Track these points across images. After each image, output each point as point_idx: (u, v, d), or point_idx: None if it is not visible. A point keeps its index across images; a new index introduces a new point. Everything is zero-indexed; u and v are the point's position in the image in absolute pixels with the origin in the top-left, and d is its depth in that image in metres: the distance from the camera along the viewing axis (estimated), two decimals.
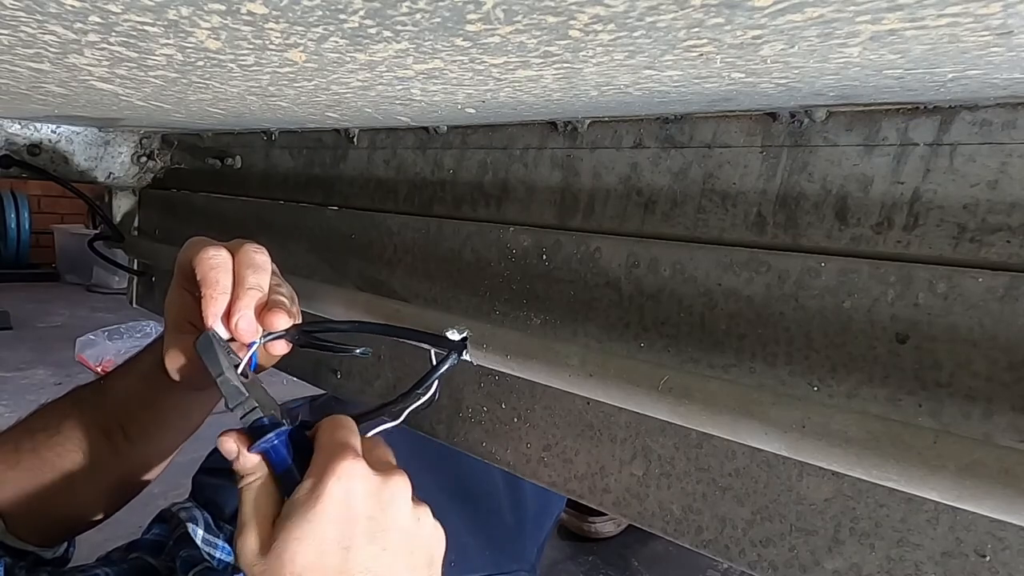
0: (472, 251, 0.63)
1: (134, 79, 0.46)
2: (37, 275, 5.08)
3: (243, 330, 0.47)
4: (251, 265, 0.49)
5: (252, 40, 0.33)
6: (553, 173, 0.58)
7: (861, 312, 0.40)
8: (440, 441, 0.66)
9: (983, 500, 0.32)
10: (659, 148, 0.51)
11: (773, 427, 0.38)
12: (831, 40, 0.28)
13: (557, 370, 0.48)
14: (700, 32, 0.28)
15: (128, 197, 1.17)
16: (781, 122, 0.45)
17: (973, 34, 0.26)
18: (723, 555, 0.47)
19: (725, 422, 0.40)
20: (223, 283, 0.47)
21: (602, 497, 0.54)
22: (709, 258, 0.47)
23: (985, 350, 0.36)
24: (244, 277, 0.48)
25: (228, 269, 0.48)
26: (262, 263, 0.50)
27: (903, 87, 0.36)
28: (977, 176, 0.37)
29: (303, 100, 0.52)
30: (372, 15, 0.28)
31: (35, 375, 3.14)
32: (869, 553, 0.40)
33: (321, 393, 1.03)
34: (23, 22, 0.32)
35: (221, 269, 0.48)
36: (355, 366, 0.76)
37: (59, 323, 3.97)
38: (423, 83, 0.42)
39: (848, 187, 0.42)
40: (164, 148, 1.11)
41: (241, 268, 0.49)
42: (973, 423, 0.37)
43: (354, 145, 0.78)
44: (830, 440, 0.36)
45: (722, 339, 0.46)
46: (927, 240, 0.39)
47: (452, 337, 0.52)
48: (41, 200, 5.36)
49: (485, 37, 0.31)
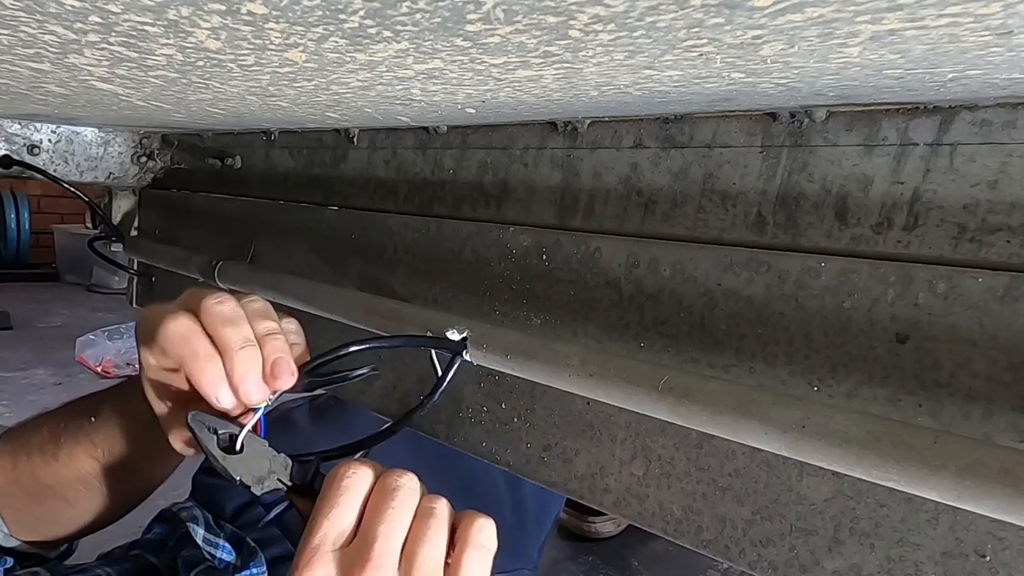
0: (472, 251, 0.63)
1: (134, 79, 0.46)
2: (37, 275, 5.08)
3: (253, 394, 0.43)
4: (225, 321, 0.44)
5: (252, 40, 0.33)
6: (553, 173, 0.58)
7: (861, 312, 0.40)
8: (440, 441, 0.66)
9: (983, 500, 0.32)
10: (659, 148, 0.51)
11: (773, 427, 0.38)
12: (831, 40, 0.28)
13: (557, 370, 0.48)
14: (700, 32, 0.28)
15: (128, 197, 1.17)
16: (781, 122, 0.45)
17: (973, 34, 0.26)
18: (723, 555, 0.47)
19: (725, 422, 0.40)
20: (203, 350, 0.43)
21: (602, 497, 0.54)
22: (709, 258, 0.47)
23: (985, 350, 0.36)
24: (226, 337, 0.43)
25: (200, 334, 0.44)
26: (233, 314, 0.45)
27: (903, 87, 0.36)
28: (977, 176, 0.37)
29: (303, 100, 0.52)
30: (372, 15, 0.28)
31: (35, 375, 3.14)
32: (869, 553, 0.40)
33: (321, 393, 1.03)
34: (23, 22, 0.32)
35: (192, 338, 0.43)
36: (355, 367, 0.76)
37: (59, 323, 3.97)
38: (423, 83, 0.42)
39: (848, 187, 0.42)
40: (164, 148, 1.11)
41: (216, 328, 0.44)
42: (973, 423, 0.37)
43: (354, 145, 0.78)
44: (830, 440, 0.36)
45: (722, 339, 0.46)
46: (927, 240, 0.39)
47: (452, 337, 0.52)
48: (41, 200, 5.36)
49: (485, 37, 0.31)
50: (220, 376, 0.43)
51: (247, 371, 0.43)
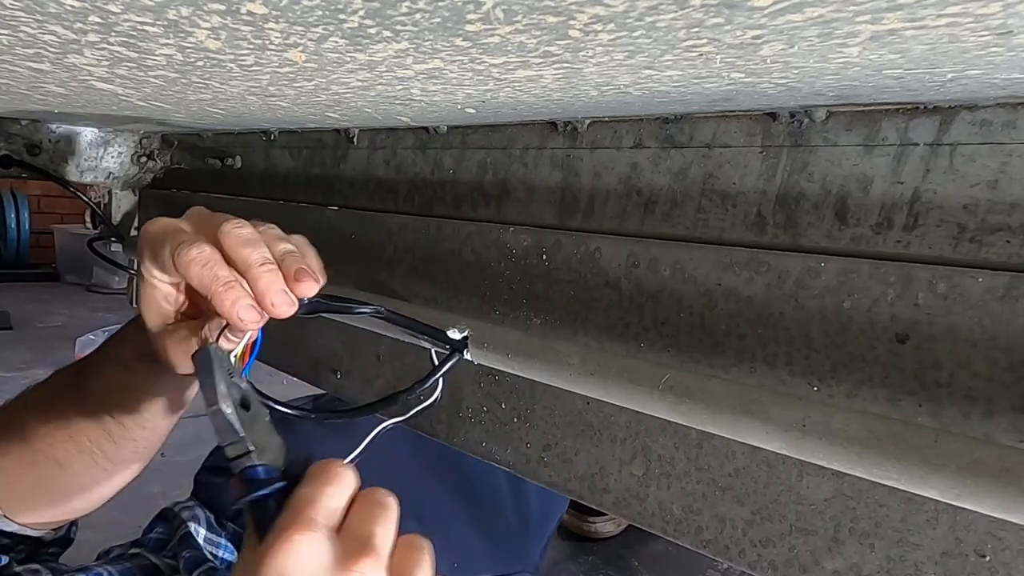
0: (472, 251, 0.63)
1: (134, 79, 0.46)
2: (37, 275, 5.08)
3: (281, 305, 0.42)
4: (245, 243, 0.44)
5: (252, 40, 0.33)
6: (553, 173, 0.58)
7: (861, 312, 0.40)
8: (440, 441, 0.66)
9: (983, 499, 0.32)
10: (659, 148, 0.51)
11: (774, 426, 0.38)
12: (831, 40, 0.28)
13: (558, 369, 0.48)
14: (700, 32, 0.28)
15: (128, 197, 1.17)
16: (781, 122, 0.45)
17: (973, 34, 0.26)
18: (723, 555, 0.47)
19: (726, 421, 0.40)
20: (225, 274, 0.43)
21: (602, 497, 0.54)
22: (709, 258, 0.47)
23: (985, 350, 0.36)
24: (247, 257, 0.43)
25: (221, 261, 0.44)
26: (252, 236, 0.45)
27: (903, 87, 0.36)
28: (977, 176, 0.37)
29: (303, 100, 0.52)
30: (372, 15, 0.28)
31: (35, 375, 3.13)
32: (869, 553, 0.40)
33: (323, 392, 1.03)
34: (23, 22, 0.32)
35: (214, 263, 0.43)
36: (355, 366, 0.76)
37: (59, 323, 3.97)
38: (423, 83, 0.42)
39: (848, 187, 0.42)
40: (164, 148, 1.11)
41: (236, 249, 0.44)
42: (973, 423, 0.37)
43: (354, 145, 0.78)
44: (831, 439, 0.36)
45: (722, 339, 0.46)
46: (927, 240, 0.39)
47: (453, 336, 0.53)
48: (41, 200, 5.36)
49: (485, 37, 0.31)
50: (242, 293, 0.42)
51: (271, 282, 0.43)
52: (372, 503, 0.40)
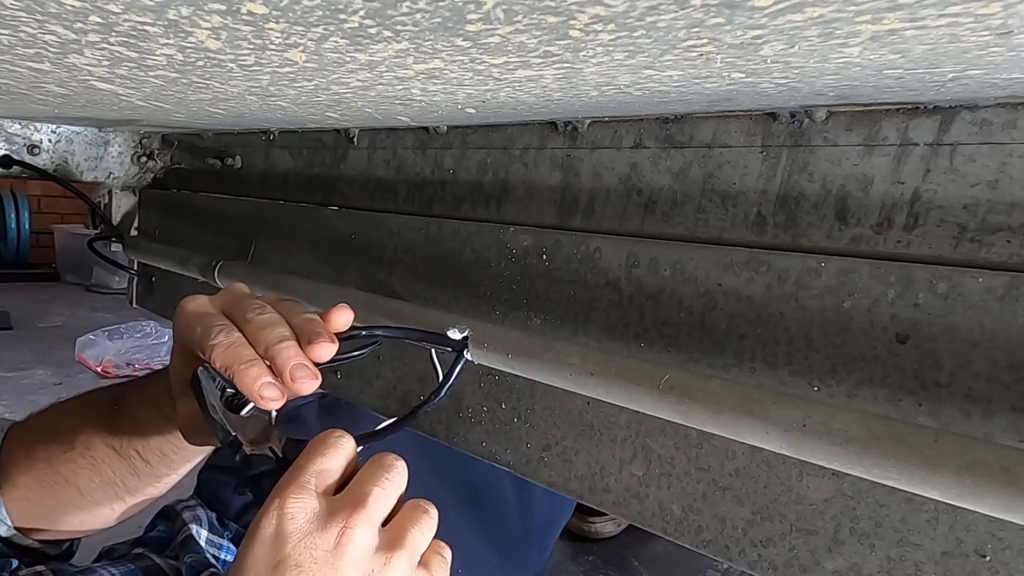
0: (472, 251, 0.63)
1: (134, 79, 0.46)
2: (37, 275, 5.08)
3: (301, 379, 0.44)
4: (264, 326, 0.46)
5: (252, 40, 0.33)
6: (553, 173, 0.58)
7: (861, 312, 0.40)
8: (440, 441, 0.66)
9: (983, 499, 0.32)
10: (659, 148, 0.51)
11: (774, 426, 0.38)
12: (831, 40, 0.28)
13: (558, 369, 0.48)
14: (700, 32, 0.28)
15: (128, 197, 1.17)
16: (781, 122, 0.45)
17: (973, 34, 0.26)
18: (723, 555, 0.47)
19: (726, 421, 0.40)
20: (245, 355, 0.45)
21: (602, 497, 0.54)
22: (709, 258, 0.47)
23: (985, 350, 0.36)
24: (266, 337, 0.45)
25: (244, 343, 0.45)
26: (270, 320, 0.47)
27: (903, 87, 0.36)
28: (977, 176, 0.37)
29: (303, 100, 0.52)
30: (372, 15, 0.28)
31: (35, 375, 3.14)
32: (869, 553, 0.40)
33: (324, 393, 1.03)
34: (23, 22, 0.32)
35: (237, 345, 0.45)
36: (355, 366, 0.76)
37: (59, 323, 3.98)
38: (423, 83, 0.42)
39: (848, 187, 0.42)
40: (164, 148, 1.11)
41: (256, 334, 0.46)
42: (973, 423, 0.37)
43: (354, 145, 0.78)
44: (831, 439, 0.36)
45: (722, 339, 0.46)
46: (927, 240, 0.39)
47: (453, 336, 0.53)
48: (41, 200, 5.36)
49: (485, 37, 0.31)
50: (263, 372, 0.44)
51: (288, 358, 0.44)
52: (379, 464, 0.43)
